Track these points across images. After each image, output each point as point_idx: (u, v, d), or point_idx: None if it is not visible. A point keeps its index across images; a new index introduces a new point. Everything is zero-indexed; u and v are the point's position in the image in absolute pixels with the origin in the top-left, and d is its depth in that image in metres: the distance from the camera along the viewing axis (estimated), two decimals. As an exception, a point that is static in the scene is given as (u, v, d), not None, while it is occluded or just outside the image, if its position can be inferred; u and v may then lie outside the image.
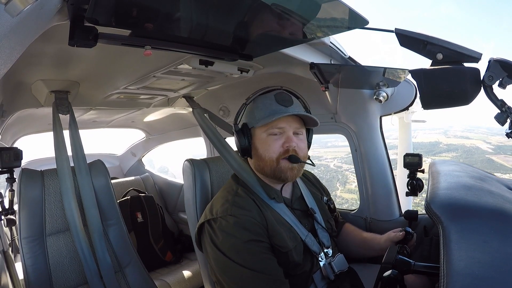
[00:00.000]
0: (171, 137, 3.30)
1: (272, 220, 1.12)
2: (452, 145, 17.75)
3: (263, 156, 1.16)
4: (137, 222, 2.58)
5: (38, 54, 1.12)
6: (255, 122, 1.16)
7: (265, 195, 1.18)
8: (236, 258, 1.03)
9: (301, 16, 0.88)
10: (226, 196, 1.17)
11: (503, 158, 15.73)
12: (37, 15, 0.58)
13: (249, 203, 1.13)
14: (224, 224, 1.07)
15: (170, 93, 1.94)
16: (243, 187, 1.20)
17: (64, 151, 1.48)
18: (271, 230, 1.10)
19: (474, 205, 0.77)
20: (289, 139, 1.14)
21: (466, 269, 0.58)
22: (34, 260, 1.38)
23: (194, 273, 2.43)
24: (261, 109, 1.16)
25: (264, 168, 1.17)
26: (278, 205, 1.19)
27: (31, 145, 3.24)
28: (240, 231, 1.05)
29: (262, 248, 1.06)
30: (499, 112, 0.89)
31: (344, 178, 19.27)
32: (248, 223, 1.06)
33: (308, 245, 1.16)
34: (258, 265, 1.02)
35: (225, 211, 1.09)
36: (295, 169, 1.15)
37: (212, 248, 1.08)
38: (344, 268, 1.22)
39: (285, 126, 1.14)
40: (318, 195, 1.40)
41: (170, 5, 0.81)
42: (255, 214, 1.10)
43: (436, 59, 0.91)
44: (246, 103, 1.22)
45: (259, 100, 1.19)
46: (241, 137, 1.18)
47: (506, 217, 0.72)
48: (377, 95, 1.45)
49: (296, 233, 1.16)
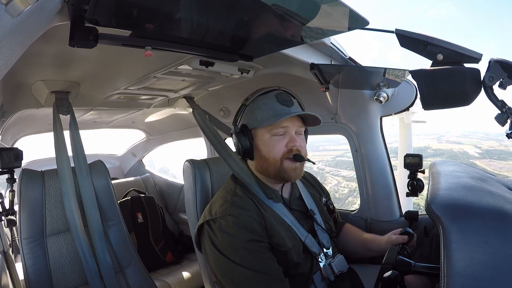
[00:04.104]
0: (172, 138, 3.31)
1: (271, 219, 1.12)
2: (440, 150, 18.06)
3: (267, 157, 1.15)
4: (138, 222, 2.58)
5: (39, 55, 1.12)
6: (257, 123, 1.15)
7: (263, 195, 1.18)
8: (235, 258, 1.03)
9: (301, 16, 0.88)
10: (225, 196, 1.17)
11: (486, 163, 15.93)
12: (38, 16, 0.58)
13: (248, 203, 1.14)
14: (224, 224, 1.07)
15: (170, 93, 1.94)
16: (242, 186, 1.20)
17: (64, 151, 1.48)
18: (270, 229, 1.10)
19: (475, 205, 0.77)
20: (293, 139, 1.14)
21: (467, 269, 0.58)
22: (35, 261, 1.38)
23: (194, 274, 2.43)
24: (263, 110, 1.15)
25: (267, 168, 1.17)
26: (277, 205, 1.19)
27: (32, 146, 3.24)
28: (239, 231, 1.05)
29: (262, 247, 1.06)
30: (499, 113, 0.89)
31: (323, 179, 20.79)
32: (247, 222, 1.06)
33: (308, 246, 1.16)
34: (258, 265, 1.02)
35: (224, 211, 1.09)
36: (298, 169, 1.16)
37: (211, 248, 1.08)
38: (344, 269, 1.22)
39: (289, 126, 1.14)
40: (317, 196, 1.40)
41: (170, 5, 0.81)
42: (254, 214, 1.10)
43: (436, 60, 0.91)
44: (246, 104, 1.21)
45: (259, 101, 1.18)
46: (242, 138, 1.17)
47: (506, 217, 0.72)
48: (378, 95, 1.45)
49: (295, 233, 1.16)
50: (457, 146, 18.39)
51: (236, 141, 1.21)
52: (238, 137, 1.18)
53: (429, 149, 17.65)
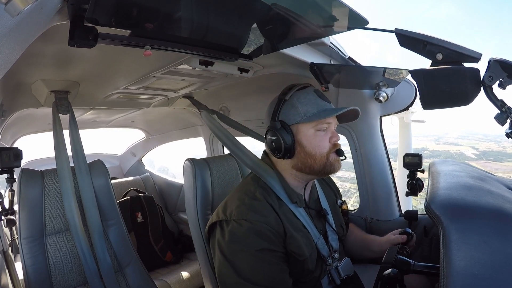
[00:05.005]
0: (171, 137, 3.30)
1: (289, 227, 1.07)
2: (436, 151, 18.15)
3: (313, 153, 1.09)
4: (137, 222, 2.58)
5: (38, 54, 1.11)
6: (300, 118, 1.09)
7: (287, 199, 1.13)
8: (240, 268, 0.98)
9: (301, 16, 0.88)
10: (243, 198, 1.09)
11: (482, 164, 16.03)
12: (37, 15, 0.58)
13: (267, 208, 1.06)
14: (236, 228, 1.02)
15: (170, 93, 1.94)
16: (263, 189, 1.13)
17: (64, 151, 1.47)
18: (289, 237, 1.05)
19: (474, 205, 0.77)
20: (334, 134, 1.12)
21: (466, 269, 0.58)
22: (34, 260, 1.38)
23: (194, 273, 2.43)
24: (306, 105, 1.09)
25: (312, 165, 1.10)
26: (298, 209, 1.14)
27: (31, 145, 3.24)
28: (252, 238, 0.99)
29: (274, 257, 1.01)
30: (499, 112, 0.89)
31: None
32: (263, 230, 1.00)
33: (319, 248, 1.13)
34: (264, 277, 0.98)
35: (239, 215, 1.03)
36: (340, 161, 1.13)
37: (218, 253, 1.05)
38: (350, 272, 1.19)
39: (332, 122, 1.12)
40: (333, 198, 1.36)
41: (170, 5, 0.81)
42: (271, 221, 1.03)
43: (436, 59, 0.91)
44: (286, 99, 1.11)
45: (300, 96, 1.11)
46: (285, 135, 1.09)
47: (506, 217, 0.72)
48: (377, 95, 1.45)
49: (311, 238, 1.12)
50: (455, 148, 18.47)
51: (276, 139, 1.10)
52: (280, 134, 1.09)
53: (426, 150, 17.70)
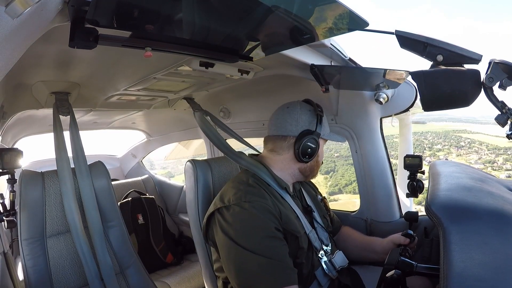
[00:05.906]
0: (172, 139, 3.31)
1: (283, 208, 1.15)
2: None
3: (319, 162, 1.32)
4: (138, 223, 2.58)
5: (39, 56, 1.12)
6: (323, 134, 1.27)
7: (276, 186, 1.23)
8: (250, 246, 1.02)
9: (301, 17, 0.88)
10: (238, 186, 1.17)
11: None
12: (38, 17, 0.59)
13: (262, 192, 1.15)
14: (238, 210, 1.07)
15: (170, 94, 1.94)
16: (254, 178, 1.23)
17: (64, 152, 1.47)
18: (285, 217, 1.13)
19: (474, 206, 0.77)
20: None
21: (467, 270, 0.58)
22: (35, 262, 1.38)
23: (195, 275, 2.43)
24: (327, 125, 1.32)
25: (315, 170, 1.31)
26: (287, 196, 1.24)
27: (32, 147, 3.24)
28: (256, 217, 1.06)
29: (277, 234, 1.07)
30: (499, 114, 0.89)
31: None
32: (263, 209, 1.08)
33: (311, 240, 1.20)
34: (274, 251, 1.03)
35: (239, 198, 1.10)
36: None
37: (223, 238, 1.07)
38: (344, 264, 1.26)
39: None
40: (313, 193, 1.46)
41: (170, 7, 0.81)
42: (269, 202, 1.12)
43: (436, 61, 0.91)
44: (322, 115, 1.27)
45: (324, 116, 1.29)
46: (316, 143, 1.23)
47: (506, 218, 0.72)
48: (378, 96, 1.45)
49: (302, 225, 1.20)
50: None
51: (314, 146, 1.23)
52: (311, 140, 1.22)
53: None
